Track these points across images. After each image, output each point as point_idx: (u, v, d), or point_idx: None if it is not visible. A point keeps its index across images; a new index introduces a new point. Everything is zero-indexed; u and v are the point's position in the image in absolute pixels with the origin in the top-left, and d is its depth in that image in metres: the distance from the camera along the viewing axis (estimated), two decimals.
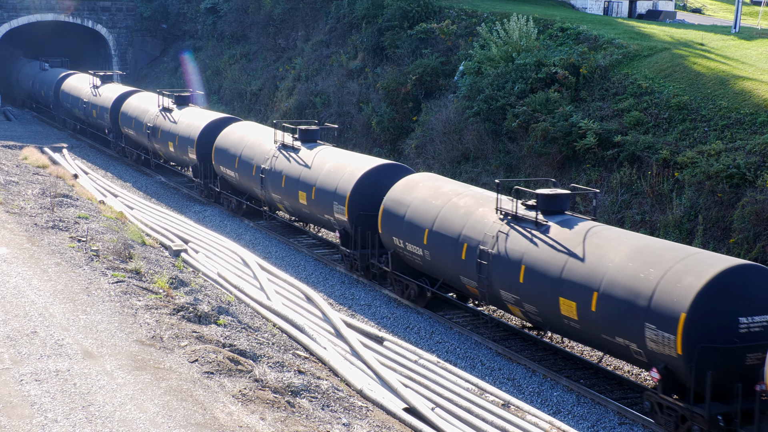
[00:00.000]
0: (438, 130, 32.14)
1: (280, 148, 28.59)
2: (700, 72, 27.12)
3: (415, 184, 22.62)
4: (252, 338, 17.28)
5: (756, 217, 20.79)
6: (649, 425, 16.16)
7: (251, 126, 32.74)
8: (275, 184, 28.21)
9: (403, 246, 22.11)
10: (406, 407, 16.09)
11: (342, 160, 25.88)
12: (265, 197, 29.51)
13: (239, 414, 12.66)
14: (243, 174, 30.52)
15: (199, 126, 34.70)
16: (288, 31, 49.00)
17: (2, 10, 58.40)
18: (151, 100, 40.63)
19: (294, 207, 27.56)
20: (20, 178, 30.44)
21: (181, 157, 36.25)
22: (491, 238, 19.09)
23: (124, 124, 42.03)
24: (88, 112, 47.16)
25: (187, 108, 37.86)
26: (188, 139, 34.94)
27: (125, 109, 41.95)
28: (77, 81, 50.79)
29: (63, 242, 21.22)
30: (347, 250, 24.87)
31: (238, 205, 32.31)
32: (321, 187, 25.59)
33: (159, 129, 37.74)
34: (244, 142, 30.88)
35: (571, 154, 26.69)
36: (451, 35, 36.22)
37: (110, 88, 46.13)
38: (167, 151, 37.55)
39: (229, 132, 32.51)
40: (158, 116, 38.27)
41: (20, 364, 13.57)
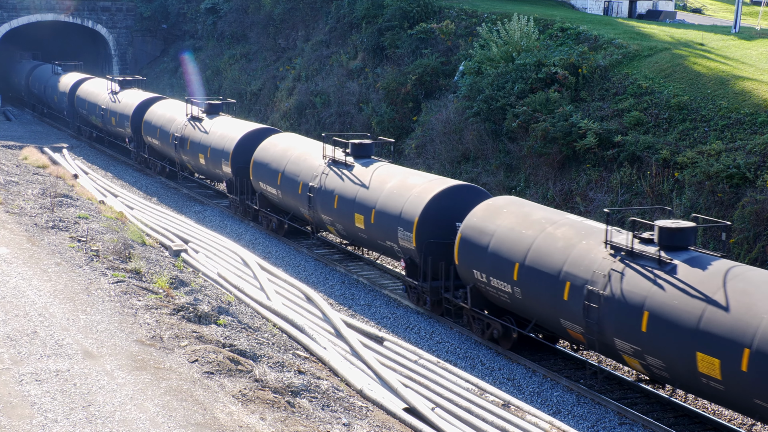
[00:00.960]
0: (438, 130, 32.14)
1: (331, 165, 25.87)
2: (700, 72, 27.12)
3: (498, 210, 19.86)
4: (252, 338, 17.28)
5: (756, 217, 20.79)
6: (649, 425, 16.17)
7: (294, 138, 29.93)
8: (326, 205, 25.44)
9: (485, 281, 19.40)
10: (406, 407, 16.09)
11: (406, 180, 23.16)
12: (312, 218, 26.67)
13: (239, 414, 12.66)
14: (287, 192, 27.84)
15: (234, 137, 31.77)
16: (288, 31, 49.00)
17: (2, 10, 58.41)
18: (177, 108, 37.80)
19: (349, 230, 24.81)
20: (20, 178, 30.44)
21: (214, 171, 33.39)
22: (602, 277, 16.44)
23: (148, 134, 39.35)
24: (107, 119, 44.25)
25: (219, 117, 35.07)
26: (222, 152, 32.12)
27: (149, 118, 39.21)
28: (94, 86, 47.83)
29: (63, 242, 21.22)
30: (414, 282, 22.15)
31: (279, 225, 29.50)
32: (382, 210, 22.87)
33: (188, 140, 35.00)
34: (288, 157, 28.14)
35: (571, 154, 26.69)
36: (451, 35, 36.22)
37: (131, 95, 43.10)
38: (197, 164, 34.81)
39: (270, 144, 29.69)
40: (186, 126, 35.53)
41: (20, 364, 13.57)
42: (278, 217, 29.38)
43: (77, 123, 50.48)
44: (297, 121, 41.99)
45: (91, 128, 48.73)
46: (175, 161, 37.75)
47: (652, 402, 17.30)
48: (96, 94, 46.35)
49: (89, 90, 47.87)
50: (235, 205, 32.19)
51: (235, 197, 31.79)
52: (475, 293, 20.09)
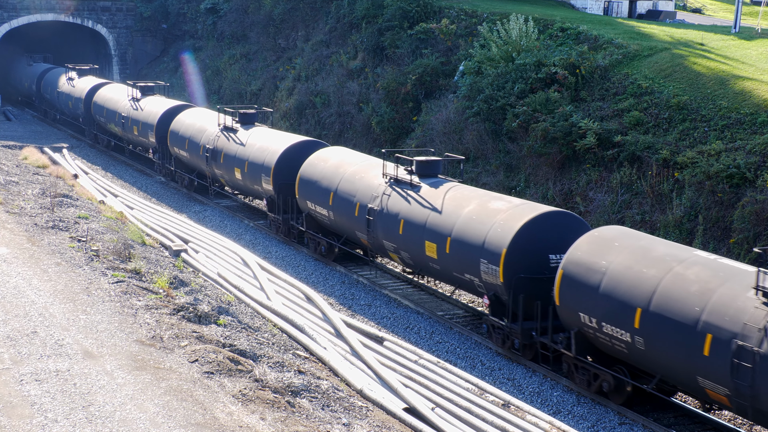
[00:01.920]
0: (438, 130, 32.14)
1: (393, 185, 23.13)
2: (700, 72, 27.12)
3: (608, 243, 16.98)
4: (252, 338, 17.28)
5: (756, 217, 20.79)
6: (649, 425, 16.17)
7: (346, 153, 27.01)
8: (389, 230, 22.69)
9: (595, 326, 16.66)
10: (406, 407, 16.09)
11: (487, 204, 20.25)
12: (371, 243, 23.89)
13: (239, 414, 12.66)
14: (340, 213, 24.95)
15: (276, 151, 28.66)
16: (288, 31, 49.00)
17: (2, 10, 58.41)
18: (208, 118, 35.00)
19: (417, 259, 21.93)
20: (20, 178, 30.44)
21: (252, 187, 30.34)
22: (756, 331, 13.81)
23: (175, 144, 36.30)
24: (128, 128, 41.29)
25: (255, 128, 32.01)
26: (262, 167, 29.01)
27: (176, 128, 36.22)
28: (112, 92, 45.12)
29: (63, 242, 21.22)
30: (500, 322, 19.27)
31: (329, 249, 26.50)
32: (460, 239, 20.06)
33: (221, 152, 32.07)
34: (341, 174, 25.28)
35: (571, 154, 26.69)
36: (451, 35, 36.22)
37: (154, 102, 40.25)
38: (232, 179, 31.70)
39: (318, 160, 26.74)
40: (219, 137, 32.56)
41: (20, 364, 13.57)
42: (328, 239, 26.36)
43: (94, 131, 47.56)
44: (297, 121, 42.00)
45: (109, 137, 45.98)
46: (206, 175, 34.65)
47: (652, 402, 17.29)
48: (115, 101, 43.50)
49: (107, 96, 45.07)
50: (277, 225, 29.12)
51: (277, 216, 28.71)
52: (580, 339, 17.17)
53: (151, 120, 38.65)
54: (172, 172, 37.91)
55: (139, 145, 41.76)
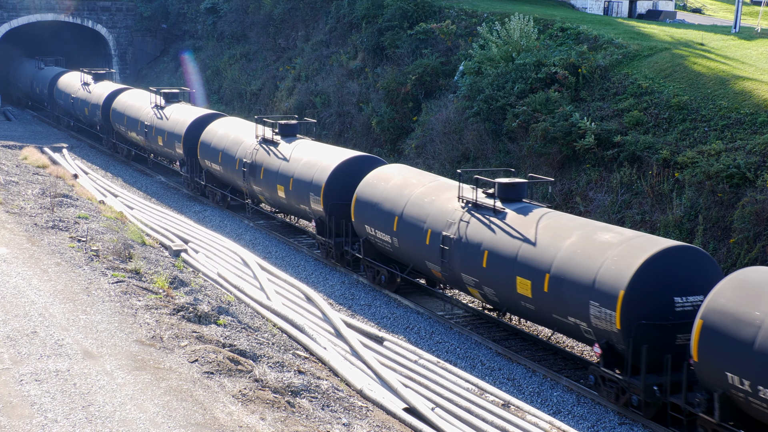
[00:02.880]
0: (438, 130, 32.15)
1: (472, 210, 20.35)
2: (700, 72, 27.13)
3: (761, 290, 14.23)
4: (252, 338, 17.28)
5: (756, 217, 20.79)
6: (649, 425, 16.16)
7: (411, 172, 24.11)
8: (469, 261, 19.89)
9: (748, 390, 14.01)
10: (406, 407, 16.09)
11: (593, 236, 17.43)
12: (447, 276, 21.02)
13: (239, 414, 12.66)
14: (407, 240, 22.20)
15: (326, 167, 25.87)
16: (288, 31, 49.01)
17: (2, 10, 58.43)
18: (243, 128, 32.32)
19: (504, 296, 19.11)
20: (20, 178, 30.44)
21: (298, 207, 27.45)
22: None
23: (206, 157, 33.56)
24: (152, 138, 38.60)
25: (298, 141, 29.23)
26: (309, 185, 26.18)
27: (207, 139, 33.48)
28: (133, 99, 42.46)
29: (63, 242, 21.22)
30: (616, 375, 16.68)
31: (391, 278, 23.71)
32: (561, 276, 17.24)
33: (260, 167, 29.28)
34: (406, 196, 22.50)
35: (571, 154, 26.69)
36: (451, 35, 36.23)
37: (181, 111, 37.41)
38: (274, 197, 28.97)
39: (378, 179, 23.85)
40: (258, 150, 29.81)
41: (20, 364, 13.57)
42: (389, 268, 23.60)
43: (113, 139, 44.75)
44: None
45: (129, 146, 43.20)
46: (242, 191, 31.89)
47: None
48: (137, 108, 40.81)
49: (128, 103, 42.27)
50: (327, 249, 26.10)
51: (329, 240, 25.70)
52: (725, 402, 14.46)
53: (179, 130, 35.85)
54: (202, 187, 34.99)
55: (164, 156, 39.22)
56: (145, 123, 39.02)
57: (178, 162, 37.44)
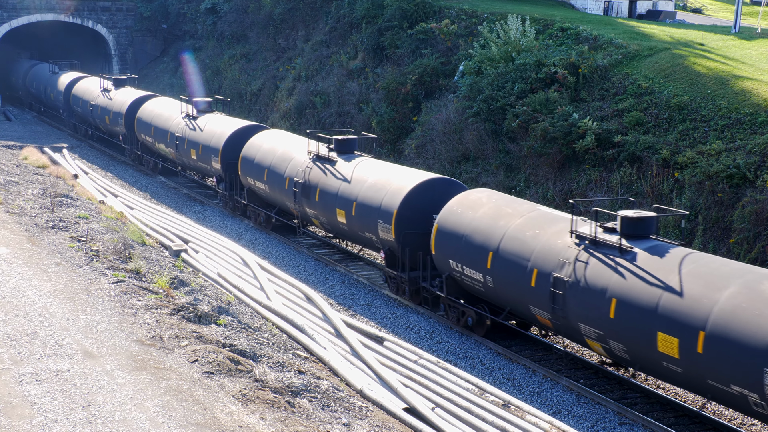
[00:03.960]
0: (438, 130, 32.15)
1: (590, 248, 17.30)
2: (700, 72, 27.13)
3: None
4: (252, 338, 17.29)
5: (756, 217, 20.80)
6: (649, 425, 16.17)
7: (504, 200, 20.78)
8: (591, 310, 16.81)
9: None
10: (406, 407, 16.09)
11: (755, 286, 14.64)
12: (558, 324, 17.94)
13: (239, 414, 12.66)
14: (505, 280, 19.10)
15: (398, 190, 22.71)
16: (288, 31, 49.03)
17: (2, 10, 58.47)
18: (292, 144, 29.18)
19: (641, 354, 16.14)
20: (20, 178, 30.45)
21: (363, 234, 24.24)
22: None
23: (249, 174, 30.47)
24: (184, 150, 35.63)
25: (359, 159, 25.99)
26: (378, 211, 22.98)
27: (249, 154, 30.45)
28: (161, 107, 39.64)
29: (63, 242, 21.23)
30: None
31: (479, 320, 20.56)
32: (721, 334, 14.44)
33: (315, 188, 26.12)
34: (503, 228, 19.38)
35: (571, 154, 26.69)
36: (451, 35, 36.24)
37: (217, 122, 34.43)
38: (332, 221, 25.61)
39: (464, 207, 20.84)
40: (311, 169, 26.67)
41: (20, 364, 13.57)
42: (476, 309, 20.53)
43: (137, 150, 41.96)
44: (297, 121, 42.01)
45: (157, 158, 40.24)
46: (291, 213, 28.66)
47: (652, 402, 17.30)
48: (166, 118, 38.00)
49: (155, 112, 39.53)
50: (399, 283, 23.18)
51: (400, 274, 22.81)
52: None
53: (215, 143, 32.82)
54: (243, 207, 31.94)
55: (198, 171, 36.04)
56: (176, 134, 36.10)
57: (214, 178, 34.03)
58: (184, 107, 36.81)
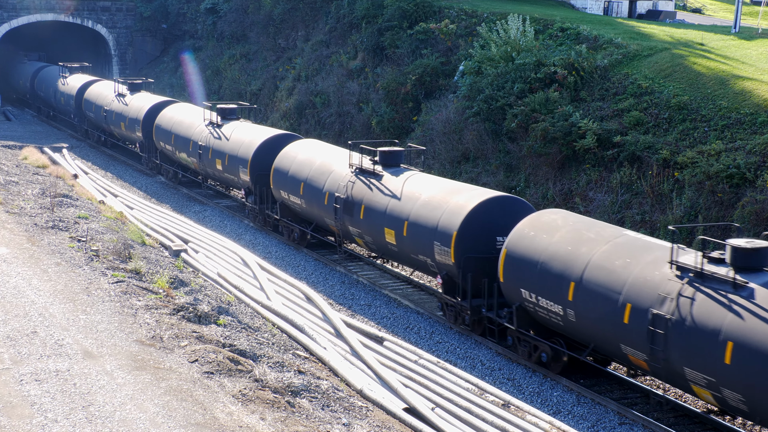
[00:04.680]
0: (438, 130, 32.15)
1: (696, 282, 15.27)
2: (700, 72, 27.13)
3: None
4: (252, 338, 17.28)
5: (756, 217, 20.80)
6: (649, 425, 16.17)
7: (583, 223, 18.52)
8: (699, 353, 14.90)
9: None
10: (406, 407, 16.09)
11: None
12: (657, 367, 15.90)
13: (239, 414, 12.66)
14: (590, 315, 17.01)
15: (457, 209, 20.52)
16: (288, 31, 49.03)
17: (2, 10, 58.47)
18: (331, 155, 27.00)
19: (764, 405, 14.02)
20: (20, 178, 30.44)
21: (415, 257, 21.97)
22: None
23: (282, 187, 28.21)
24: (208, 160, 33.31)
25: (407, 173, 23.75)
26: (434, 232, 20.79)
27: (283, 165, 28.20)
28: (181, 113, 37.42)
29: (63, 242, 21.22)
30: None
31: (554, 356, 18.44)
32: None
33: (359, 204, 24.01)
34: (585, 256, 17.24)
35: (571, 154, 26.70)
36: (451, 35, 36.24)
37: (244, 130, 32.08)
38: (380, 242, 23.48)
39: (537, 230, 18.60)
40: (354, 183, 24.58)
41: (20, 364, 13.57)
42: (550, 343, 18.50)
43: (156, 159, 39.51)
44: (297, 121, 42.02)
45: (177, 168, 38.16)
46: (335, 231, 26.29)
47: (652, 402, 17.29)
48: (187, 126, 35.69)
49: (175, 119, 37.17)
50: (457, 312, 21.06)
51: (461, 303, 20.55)
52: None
53: (244, 153, 30.65)
54: (274, 222, 29.74)
55: (224, 182, 33.94)
56: (199, 143, 33.85)
57: (242, 190, 31.49)
58: (207, 114, 34.67)
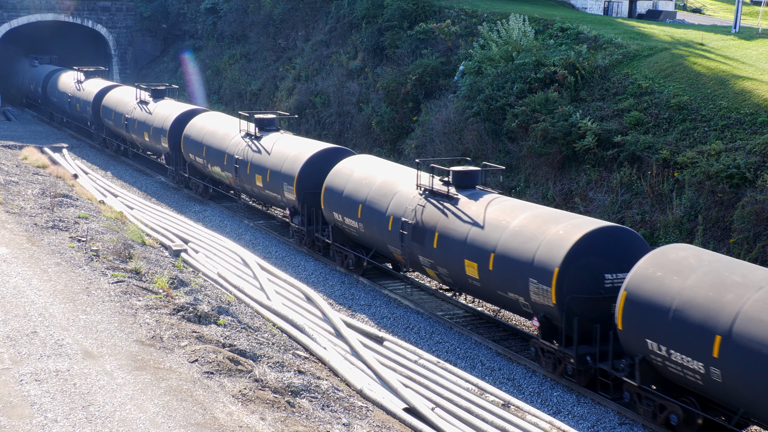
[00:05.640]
0: (438, 130, 32.15)
1: None
2: (700, 72, 27.13)
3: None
4: (252, 338, 17.28)
5: (756, 217, 20.79)
6: (649, 425, 16.16)
7: (724, 264, 15.50)
8: None
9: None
10: (406, 407, 16.09)
11: None
12: None
13: (239, 414, 12.66)
14: (740, 375, 14.20)
15: (558, 242, 17.75)
16: (288, 31, 49.03)
17: (2, 10, 58.47)
18: (395, 174, 23.99)
19: None
20: (20, 178, 30.44)
21: (504, 294, 19.06)
22: None
23: (335, 208, 25.12)
24: (246, 176, 30.20)
25: (486, 196, 20.89)
26: (529, 267, 18.06)
27: (336, 184, 25.18)
28: (213, 123, 34.30)
29: (63, 242, 21.22)
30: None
31: (687, 418, 15.55)
32: None
33: (432, 232, 21.08)
34: (734, 305, 14.32)
35: (571, 154, 26.69)
36: (451, 35, 36.24)
37: (287, 143, 29.07)
38: (457, 273, 20.46)
39: (668, 271, 15.69)
40: (424, 207, 21.61)
41: (20, 364, 13.57)
42: (682, 404, 15.61)
43: (184, 172, 36.46)
44: (297, 121, 42.02)
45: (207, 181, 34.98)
46: (396, 258, 23.53)
47: None
48: (221, 137, 32.66)
49: (206, 129, 34.13)
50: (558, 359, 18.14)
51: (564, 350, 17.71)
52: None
53: (289, 169, 27.46)
54: (325, 246, 26.90)
55: (265, 200, 30.81)
56: (235, 156, 30.89)
57: (287, 210, 28.36)
58: (244, 125, 31.73)
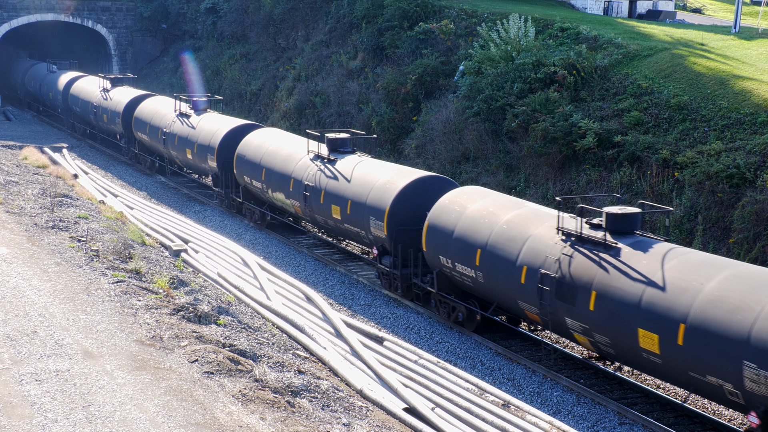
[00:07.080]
0: (438, 130, 32.15)
1: None
2: (700, 72, 27.13)
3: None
4: (252, 338, 17.29)
5: (756, 217, 20.80)
6: (649, 425, 16.17)
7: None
8: None
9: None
10: (406, 407, 16.09)
11: None
12: None
13: (239, 414, 12.66)
14: None
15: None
16: (288, 31, 49.03)
17: (2, 10, 58.48)
18: (517, 210, 19.72)
19: None
20: (20, 178, 30.44)
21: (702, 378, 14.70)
22: None
23: (443, 251, 20.72)
24: (318, 205, 25.73)
25: (660, 246, 16.40)
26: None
27: (443, 221, 20.79)
28: (273, 141, 29.73)
29: (63, 242, 21.22)
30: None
31: None
32: None
33: (587, 289, 16.76)
34: None
35: (571, 154, 26.70)
36: (451, 35, 36.24)
37: (369, 168, 24.65)
38: (623, 344, 16.19)
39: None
40: (572, 255, 17.33)
41: (20, 364, 13.57)
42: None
43: (236, 197, 32.02)
44: (297, 121, 42.01)
45: (264, 208, 30.61)
46: (529, 317, 18.98)
47: (652, 402, 17.31)
48: (284, 159, 28.17)
49: (264, 149, 29.63)
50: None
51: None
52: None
53: (375, 201, 23.23)
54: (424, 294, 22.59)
55: (344, 235, 25.89)
56: (305, 183, 26.28)
57: (375, 249, 23.58)
58: (313, 145, 27.05)
